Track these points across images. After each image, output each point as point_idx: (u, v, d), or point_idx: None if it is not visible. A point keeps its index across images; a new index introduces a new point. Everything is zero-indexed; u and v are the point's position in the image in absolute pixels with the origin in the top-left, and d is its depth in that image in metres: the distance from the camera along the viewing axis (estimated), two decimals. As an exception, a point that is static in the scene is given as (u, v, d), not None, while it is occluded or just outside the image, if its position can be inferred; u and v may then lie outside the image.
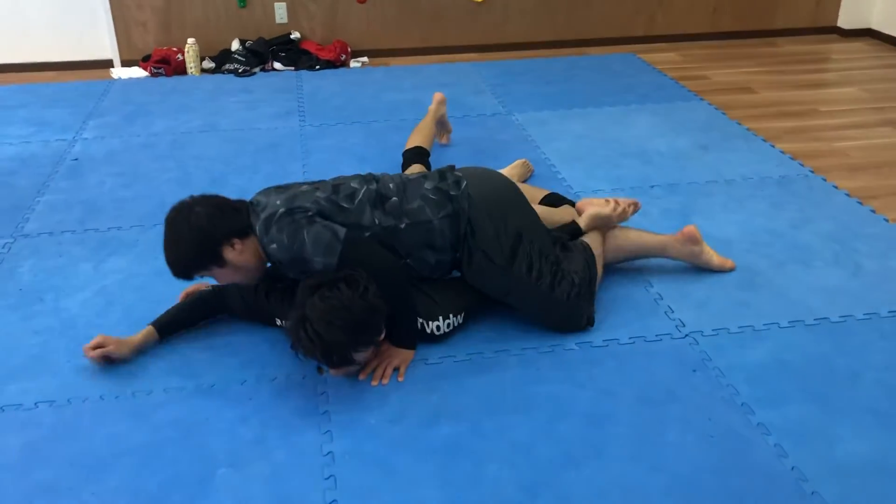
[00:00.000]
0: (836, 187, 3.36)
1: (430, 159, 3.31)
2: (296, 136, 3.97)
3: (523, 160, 3.43)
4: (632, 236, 2.61)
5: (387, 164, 3.59)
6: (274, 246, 2.17)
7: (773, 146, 3.79)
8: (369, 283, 2.07)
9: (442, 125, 3.66)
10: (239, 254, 2.22)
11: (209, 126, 4.10)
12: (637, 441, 2.00)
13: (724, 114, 4.21)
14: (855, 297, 2.59)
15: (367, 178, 2.35)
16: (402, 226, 2.25)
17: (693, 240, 2.60)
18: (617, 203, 2.59)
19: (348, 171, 3.47)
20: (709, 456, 1.95)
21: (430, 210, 2.27)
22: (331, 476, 1.91)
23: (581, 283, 2.33)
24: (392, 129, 4.02)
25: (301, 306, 2.04)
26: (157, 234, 2.99)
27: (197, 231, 2.17)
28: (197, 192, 2.30)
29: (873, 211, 3.15)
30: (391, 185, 2.31)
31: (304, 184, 2.34)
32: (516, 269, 2.26)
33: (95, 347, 2.25)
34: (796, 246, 2.90)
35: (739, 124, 4.06)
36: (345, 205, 2.23)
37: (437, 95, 3.60)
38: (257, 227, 2.20)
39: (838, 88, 4.69)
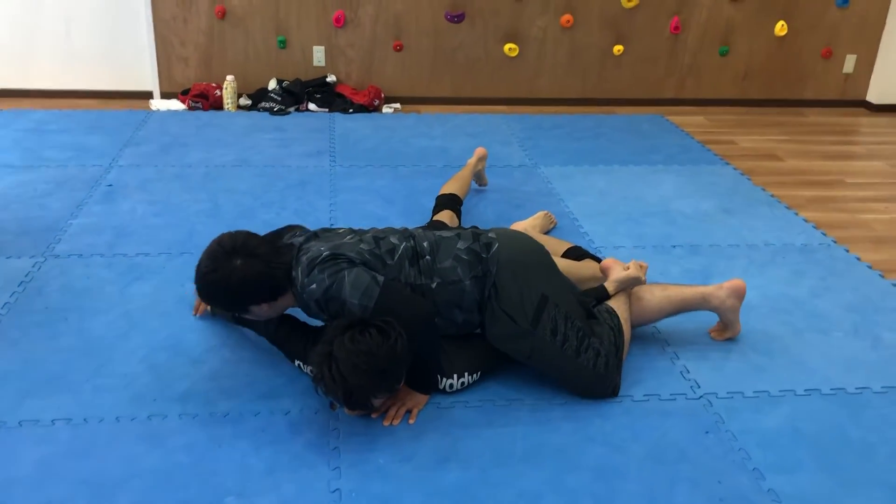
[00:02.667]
0: (858, 259, 3.36)
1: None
2: (325, 176, 4.04)
3: (545, 212, 3.47)
4: (672, 293, 2.57)
5: (412, 207, 3.65)
6: (313, 286, 2.19)
7: (796, 214, 3.81)
8: (400, 334, 2.09)
9: (478, 178, 3.73)
10: (264, 311, 2.28)
11: (242, 161, 4.19)
12: (646, 499, 1.99)
13: (748, 179, 4.24)
14: (873, 370, 2.57)
15: (405, 235, 2.37)
16: (434, 285, 2.27)
17: (739, 294, 2.58)
18: (640, 266, 2.60)
19: (375, 211, 3.60)
20: (717, 519, 1.94)
21: (461, 270, 2.29)
22: (337, 513, 1.92)
23: (608, 354, 2.32)
24: (419, 175, 4.09)
25: (329, 343, 2.07)
26: (183, 262, 3.08)
27: (231, 291, 2.21)
28: (225, 225, 2.35)
29: (895, 285, 3.15)
30: (425, 244, 2.33)
31: (346, 233, 2.37)
32: (539, 332, 2.25)
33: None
34: (815, 314, 2.90)
35: (764, 190, 4.09)
36: (387, 261, 2.26)
37: (480, 150, 3.68)
38: (298, 270, 2.22)
39: (865, 161, 4.71)
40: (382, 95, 5.26)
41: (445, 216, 3.22)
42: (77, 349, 2.50)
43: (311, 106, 5.11)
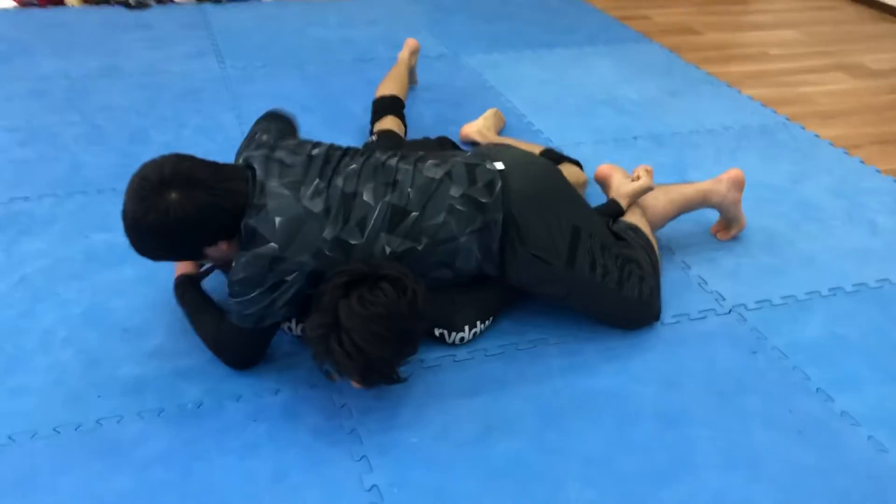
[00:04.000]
0: (818, 136, 3.21)
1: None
2: (219, 81, 3.41)
3: (494, 110, 3.05)
4: (673, 195, 2.29)
5: (337, 114, 3.14)
6: (240, 261, 1.69)
7: (739, 92, 3.60)
8: (417, 285, 1.67)
9: (409, 75, 3.22)
10: (225, 252, 1.75)
11: (110, 69, 3.46)
12: (725, 444, 1.74)
13: (679, 57, 3.99)
14: (882, 259, 2.43)
15: (386, 181, 1.80)
16: (420, 247, 1.79)
17: (739, 185, 2.33)
18: (647, 171, 2.27)
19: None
20: (805, 456, 1.72)
21: (455, 226, 1.81)
22: (384, 518, 1.54)
23: (648, 277, 2.01)
24: (330, 73, 3.54)
25: (331, 310, 1.61)
26: (78, 206, 2.47)
27: (174, 236, 1.65)
28: (115, 152, 1.79)
29: (862, 162, 3.02)
30: (410, 193, 1.80)
31: (317, 180, 1.75)
32: (578, 269, 1.89)
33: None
34: (804, 203, 2.71)
35: (698, 68, 3.85)
36: (353, 241, 1.73)
37: (410, 42, 3.18)
38: (255, 220, 1.68)
39: (779, 31, 4.57)
40: (258, -20, 4.54)
41: (391, 123, 2.75)
42: (-29, 340, 1.91)
43: (175, -4, 4.34)
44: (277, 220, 1.67)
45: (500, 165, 1.89)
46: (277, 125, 2.04)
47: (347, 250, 1.72)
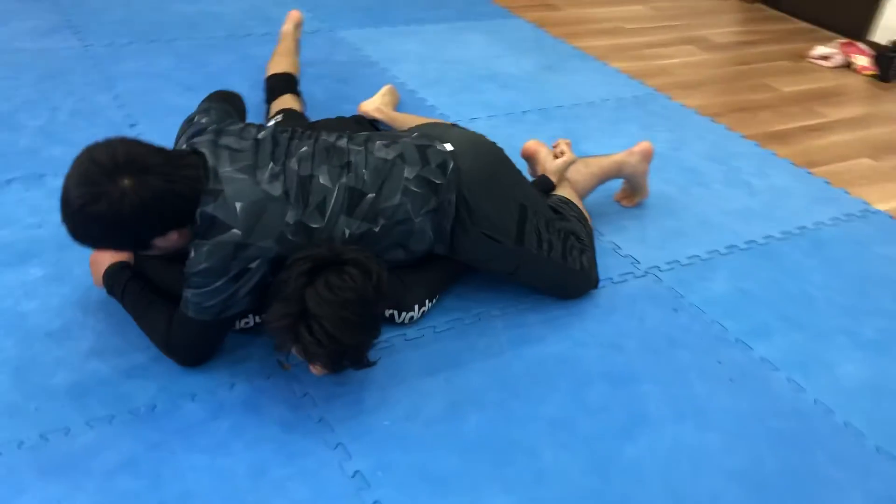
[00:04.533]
0: (684, 106, 3.45)
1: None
2: (84, 60, 3.15)
3: (389, 86, 3.03)
4: (593, 168, 2.40)
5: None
6: (194, 256, 1.61)
7: (607, 65, 3.79)
8: (380, 267, 1.65)
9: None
10: (173, 242, 1.64)
11: (-49, 47, 3.11)
12: (671, 398, 1.87)
13: (546, 32, 4.12)
14: (763, 218, 2.66)
15: (340, 163, 1.77)
16: (377, 228, 1.77)
17: (649, 157, 2.47)
18: (567, 143, 2.36)
19: (178, 102, 2.88)
20: (741, 403, 1.88)
21: (411, 207, 1.80)
22: (375, 502, 1.53)
23: (587, 247, 2.10)
24: (204, 50, 3.37)
25: (297, 298, 1.56)
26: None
27: (125, 225, 1.53)
28: None
29: (728, 129, 3.29)
30: (365, 175, 1.78)
31: (271, 164, 1.68)
32: (527, 246, 1.94)
33: None
34: (687, 169, 2.92)
35: (566, 43, 4.01)
36: (314, 224, 1.69)
37: (293, 15, 3.06)
38: (211, 208, 1.59)
39: (627, 6, 4.82)
40: (102, -51, 4.21)
41: (290, 102, 2.67)
42: None
43: (9, -35, 3.93)
44: (238, 205, 1.60)
45: (449, 146, 1.90)
46: (220, 106, 1.93)
47: (309, 234, 1.67)
